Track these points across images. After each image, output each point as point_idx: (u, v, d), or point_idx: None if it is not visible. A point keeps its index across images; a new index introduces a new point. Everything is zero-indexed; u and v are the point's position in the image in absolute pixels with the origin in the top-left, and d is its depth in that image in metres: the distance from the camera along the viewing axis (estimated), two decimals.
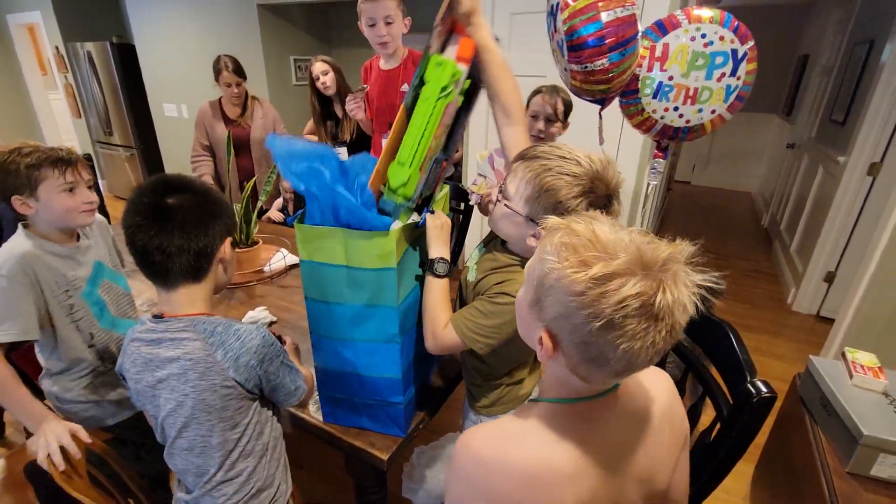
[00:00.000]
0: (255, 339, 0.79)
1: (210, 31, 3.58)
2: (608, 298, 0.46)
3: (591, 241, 0.49)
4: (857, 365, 1.18)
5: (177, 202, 0.77)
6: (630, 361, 0.48)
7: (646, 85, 1.26)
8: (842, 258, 2.68)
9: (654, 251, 0.48)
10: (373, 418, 0.97)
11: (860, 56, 2.79)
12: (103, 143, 4.80)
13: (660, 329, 0.47)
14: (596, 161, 0.80)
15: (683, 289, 0.48)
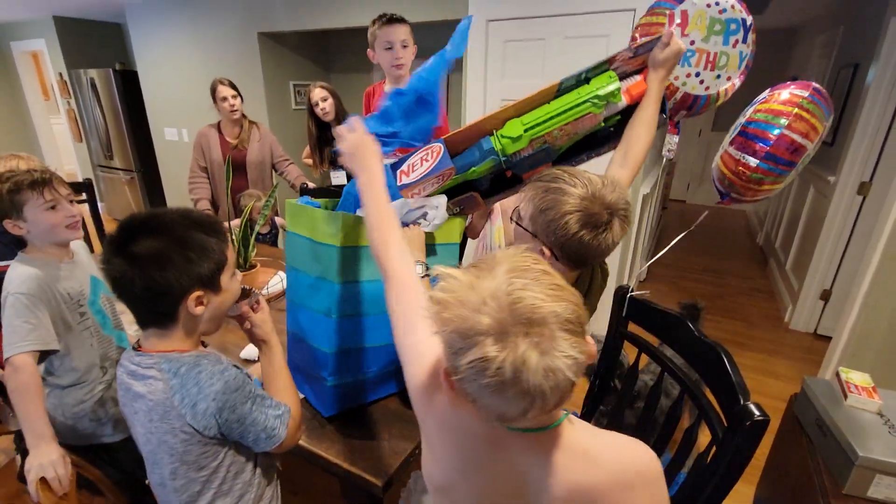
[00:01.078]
0: (215, 385, 0.74)
1: (211, 58, 3.66)
2: (462, 357, 0.48)
3: (461, 295, 0.50)
4: (852, 385, 1.18)
5: (139, 249, 0.73)
6: (499, 414, 0.51)
7: None
8: (836, 276, 2.70)
9: (517, 312, 0.47)
10: (312, 390, 1.07)
11: (846, 79, 2.86)
12: (104, 166, 4.85)
13: (513, 394, 0.47)
14: (596, 182, 0.85)
15: (535, 354, 0.46)
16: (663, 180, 3.90)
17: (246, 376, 0.81)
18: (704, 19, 1.19)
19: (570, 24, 2.22)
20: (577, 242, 0.84)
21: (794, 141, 1.11)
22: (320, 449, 1.00)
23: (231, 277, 0.84)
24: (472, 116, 2.62)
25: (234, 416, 0.76)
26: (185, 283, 0.75)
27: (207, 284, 0.78)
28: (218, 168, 2.46)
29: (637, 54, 1.05)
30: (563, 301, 0.49)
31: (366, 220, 0.82)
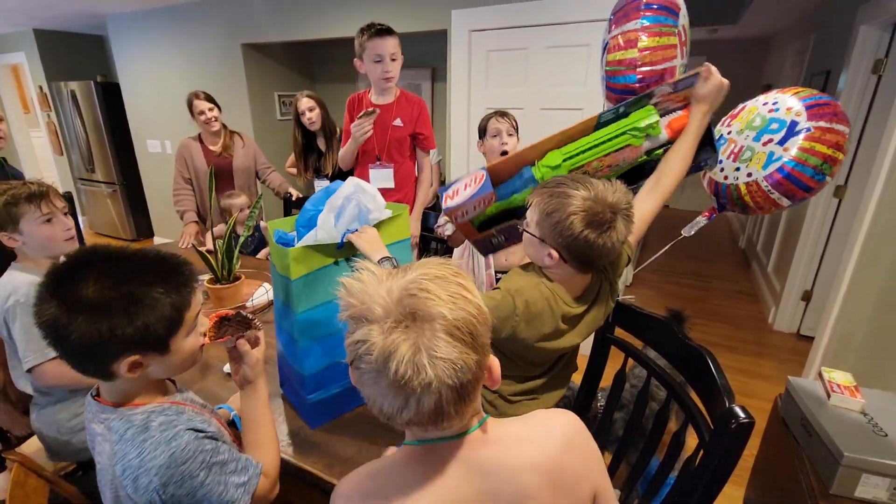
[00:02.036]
0: (158, 459, 0.64)
1: (195, 70, 3.64)
2: (349, 338, 0.51)
3: (364, 284, 0.52)
4: (834, 384, 1.20)
5: (79, 293, 0.61)
6: (380, 408, 0.51)
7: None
8: (817, 276, 2.76)
9: (402, 307, 0.48)
10: (298, 403, 1.09)
11: (818, 86, 2.95)
12: (85, 179, 4.77)
13: (387, 384, 0.48)
14: (598, 184, 0.89)
15: (410, 349, 0.47)
16: None
17: (206, 438, 0.69)
18: (752, 114, 1.16)
19: (552, 33, 2.25)
20: (583, 242, 0.87)
21: (653, 72, 1.06)
22: (306, 464, 0.98)
23: (187, 337, 0.71)
24: (456, 125, 2.64)
25: (183, 491, 0.66)
26: (119, 345, 0.63)
27: (152, 347, 0.67)
28: (203, 177, 2.44)
29: (677, 90, 1.04)
30: (459, 309, 0.49)
31: None
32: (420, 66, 3.30)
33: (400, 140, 1.92)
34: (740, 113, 1.18)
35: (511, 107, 2.44)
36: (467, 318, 0.49)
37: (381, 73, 1.78)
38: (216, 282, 1.65)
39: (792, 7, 3.40)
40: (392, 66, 1.78)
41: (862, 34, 2.38)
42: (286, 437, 1.05)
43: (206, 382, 1.23)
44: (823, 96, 1.13)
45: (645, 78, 1.08)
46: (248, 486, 0.73)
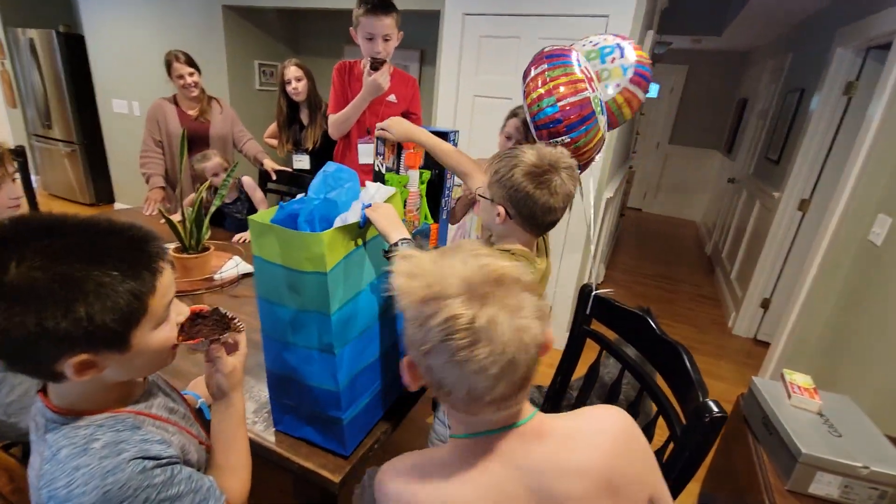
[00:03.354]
0: (87, 496, 0.51)
1: (169, 28, 3.44)
2: (432, 321, 0.48)
3: (426, 267, 0.51)
4: (795, 386, 1.25)
5: (12, 274, 0.48)
6: (469, 388, 0.49)
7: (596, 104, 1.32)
8: (776, 285, 2.88)
9: (482, 274, 0.49)
10: (318, 431, 0.92)
11: (792, 103, 3.06)
12: (40, 136, 4.45)
13: (485, 353, 0.47)
14: (545, 147, 0.98)
15: (507, 312, 0.47)
16: (623, 187, 4.03)
17: (159, 467, 0.57)
18: (591, 55, 1.40)
19: (545, 24, 2.24)
20: (524, 194, 0.93)
21: (572, 103, 1.22)
22: (272, 444, 0.94)
23: (154, 329, 0.58)
24: (443, 111, 2.59)
25: None
26: (55, 343, 0.50)
27: (105, 345, 0.54)
28: (176, 141, 2.30)
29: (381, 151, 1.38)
30: (527, 273, 0.51)
31: None
32: (409, 48, 3.22)
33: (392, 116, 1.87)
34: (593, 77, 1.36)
35: (499, 96, 2.42)
36: (531, 276, 0.51)
37: (371, 53, 1.71)
38: (183, 251, 1.57)
39: (774, 24, 3.50)
40: (383, 47, 1.70)
41: (837, 56, 2.48)
42: (251, 415, 1.01)
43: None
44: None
45: (567, 109, 1.22)
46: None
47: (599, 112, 1.27)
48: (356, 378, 0.90)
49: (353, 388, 0.90)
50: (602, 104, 1.32)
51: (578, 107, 1.22)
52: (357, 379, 0.90)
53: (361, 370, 0.92)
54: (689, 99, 5.73)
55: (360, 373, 0.91)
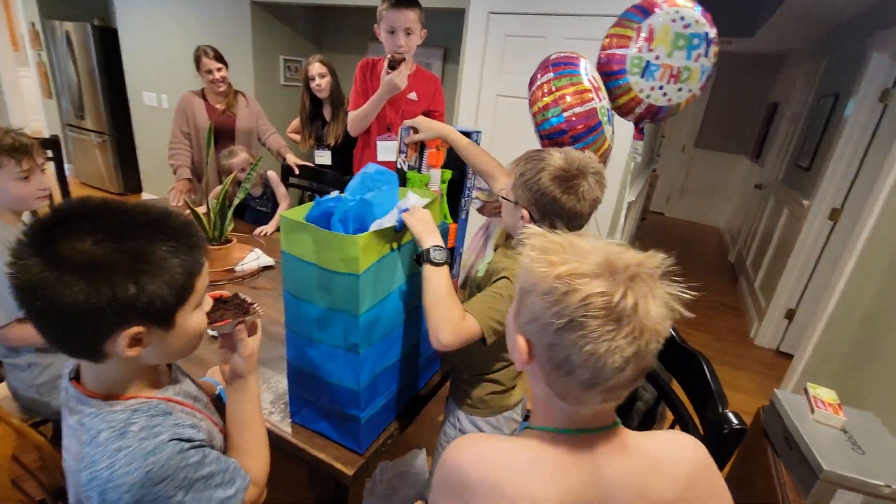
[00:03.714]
0: (131, 475, 0.54)
1: (199, 23, 3.51)
2: (571, 297, 0.47)
3: (563, 244, 0.52)
4: (819, 400, 1.21)
5: (70, 250, 0.50)
6: (596, 368, 0.47)
7: (634, 65, 1.28)
8: (802, 296, 2.80)
9: (623, 258, 0.49)
10: (334, 426, 0.94)
11: (826, 108, 2.96)
12: (74, 126, 4.60)
13: (625, 334, 0.46)
14: (574, 151, 0.95)
15: (650, 296, 0.48)
16: (646, 191, 3.97)
17: (192, 448, 0.60)
18: (669, 34, 1.26)
19: (571, 24, 2.21)
20: (550, 198, 0.90)
21: (578, 114, 1.20)
22: (289, 434, 0.96)
23: (194, 311, 0.62)
24: (465, 110, 2.59)
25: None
26: (120, 314, 0.53)
27: (155, 319, 0.56)
28: (204, 134, 2.35)
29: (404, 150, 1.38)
30: (659, 260, 0.51)
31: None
32: (433, 46, 3.22)
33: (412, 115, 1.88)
34: (655, 36, 1.28)
35: (522, 96, 2.39)
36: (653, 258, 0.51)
37: (391, 46, 1.72)
38: (207, 242, 1.60)
39: (809, 26, 3.39)
40: (404, 41, 1.71)
41: (874, 61, 2.39)
42: (268, 405, 1.03)
43: None
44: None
45: (573, 120, 1.21)
46: (234, 501, 0.64)
47: (606, 122, 1.26)
48: (377, 378, 0.91)
49: (373, 387, 0.91)
50: (609, 113, 1.30)
51: (585, 117, 1.20)
52: (377, 379, 0.92)
53: (382, 371, 0.93)
54: (717, 102, 5.59)
55: (380, 373, 0.93)
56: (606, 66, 1.31)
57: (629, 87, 1.31)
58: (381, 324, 0.88)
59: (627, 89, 1.31)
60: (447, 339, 0.84)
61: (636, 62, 1.27)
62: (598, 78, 1.31)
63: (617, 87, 1.33)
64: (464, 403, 1.09)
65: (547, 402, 0.56)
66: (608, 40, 1.31)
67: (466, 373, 1.08)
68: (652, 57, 1.26)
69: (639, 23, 1.26)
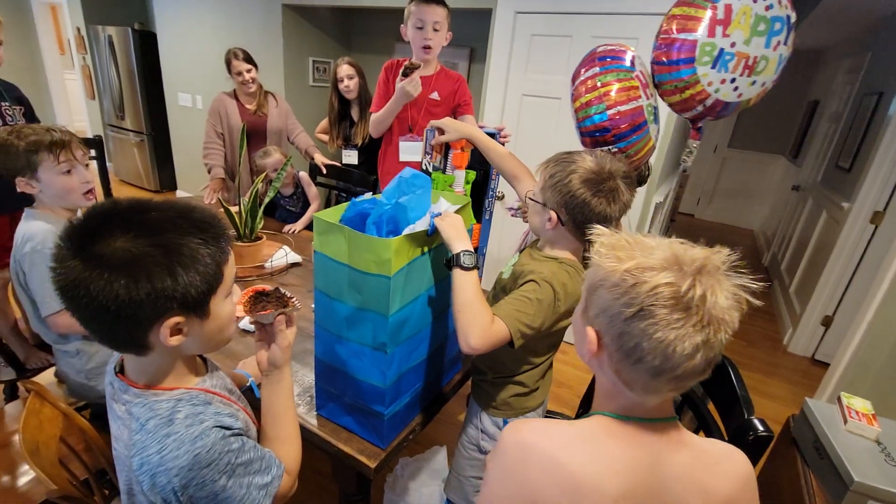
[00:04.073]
0: (180, 459, 0.58)
1: (233, 26, 3.62)
2: (640, 287, 0.49)
3: (629, 241, 0.54)
4: (852, 410, 1.17)
5: (108, 249, 0.54)
6: (665, 356, 0.49)
7: (704, 53, 1.07)
8: (840, 303, 2.69)
9: (689, 253, 0.51)
10: (358, 422, 0.97)
11: (868, 107, 2.83)
12: (115, 126, 4.82)
13: (694, 322, 0.48)
14: (603, 154, 0.95)
15: (718, 287, 0.49)
16: (675, 192, 3.88)
17: (232, 436, 0.63)
18: (749, 17, 1.06)
19: (599, 23, 2.19)
20: (581, 201, 0.90)
21: (623, 112, 1.10)
22: (314, 426, 0.99)
23: (225, 299, 0.65)
24: (490, 110, 2.59)
25: (202, 493, 0.60)
26: (160, 305, 0.56)
27: (192, 308, 0.60)
28: (237, 134, 2.44)
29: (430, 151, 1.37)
30: (724, 256, 0.52)
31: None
32: (459, 45, 3.24)
33: (434, 115, 1.89)
34: (732, 18, 1.08)
35: (548, 95, 2.39)
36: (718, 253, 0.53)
37: (420, 41, 1.74)
38: (238, 239, 1.66)
39: (852, 21, 3.25)
40: (433, 35, 1.73)
41: None
42: (295, 398, 1.06)
43: None
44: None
45: (617, 118, 1.11)
46: (271, 489, 0.67)
47: (651, 121, 1.16)
48: (402, 377, 0.94)
49: (398, 385, 0.93)
50: (655, 111, 1.18)
51: (630, 116, 1.11)
52: (403, 378, 0.94)
53: (408, 370, 0.95)
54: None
55: (406, 372, 0.95)
56: (666, 54, 1.10)
57: (696, 80, 1.10)
58: (409, 324, 0.90)
59: (693, 82, 1.10)
60: (476, 342, 0.85)
61: (707, 49, 1.06)
62: (647, 73, 1.17)
63: (679, 79, 1.12)
64: (488, 406, 1.09)
65: (613, 389, 0.57)
66: (670, 23, 1.11)
67: (490, 375, 1.09)
68: (727, 44, 1.06)
69: (713, 2, 1.05)
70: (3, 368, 1.52)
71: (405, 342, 0.91)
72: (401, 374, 0.93)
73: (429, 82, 1.85)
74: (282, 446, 0.76)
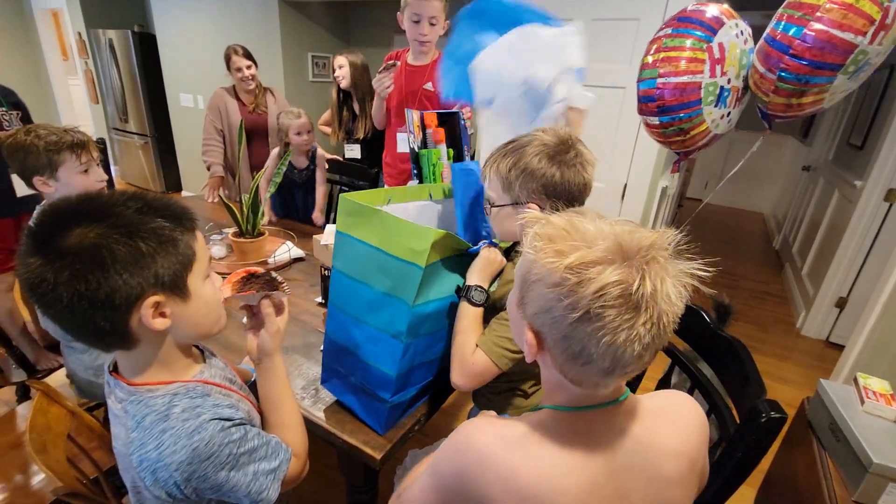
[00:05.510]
0: (178, 454, 0.57)
1: (230, 25, 3.61)
2: (586, 288, 0.44)
3: (568, 230, 0.48)
4: (870, 391, 1.14)
5: (63, 244, 0.52)
6: (616, 357, 0.46)
7: (709, 92, 1.07)
8: (854, 284, 2.63)
9: (634, 239, 0.46)
10: (361, 403, 0.96)
11: (880, 81, 2.76)
12: (119, 129, 4.85)
13: (644, 321, 0.44)
14: (541, 128, 0.88)
15: (667, 278, 0.46)
16: (682, 177, 3.82)
17: (233, 426, 0.63)
18: (736, 53, 1.08)
19: (600, 4, 2.14)
20: (560, 178, 0.84)
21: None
22: (321, 419, 0.98)
23: (205, 280, 0.64)
24: None
25: (206, 485, 0.60)
26: (133, 285, 0.54)
27: (169, 287, 0.58)
28: (236, 131, 2.43)
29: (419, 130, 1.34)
30: (668, 236, 0.48)
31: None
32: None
33: (431, 105, 1.88)
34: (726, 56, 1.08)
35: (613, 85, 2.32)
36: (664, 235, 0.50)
37: (415, 35, 1.72)
38: (240, 235, 1.66)
39: None
40: (429, 30, 1.70)
41: None
42: (300, 391, 1.06)
43: (225, 331, 1.23)
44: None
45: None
46: (279, 472, 0.67)
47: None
48: (413, 370, 0.93)
49: (407, 377, 0.92)
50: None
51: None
52: (413, 371, 0.93)
53: (420, 364, 0.94)
54: None
55: (418, 366, 0.94)
56: (673, 99, 1.08)
57: (702, 119, 1.09)
58: (430, 321, 0.90)
59: (700, 122, 1.09)
60: (456, 379, 0.87)
61: (711, 89, 1.06)
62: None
63: (685, 119, 1.10)
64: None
65: (560, 385, 0.55)
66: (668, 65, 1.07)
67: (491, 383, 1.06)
68: (725, 81, 1.06)
69: (708, 42, 1.05)
70: (14, 370, 1.53)
71: (423, 336, 0.90)
72: (412, 367, 0.92)
73: (424, 72, 1.83)
74: (286, 431, 0.76)
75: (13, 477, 1.18)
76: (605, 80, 2.22)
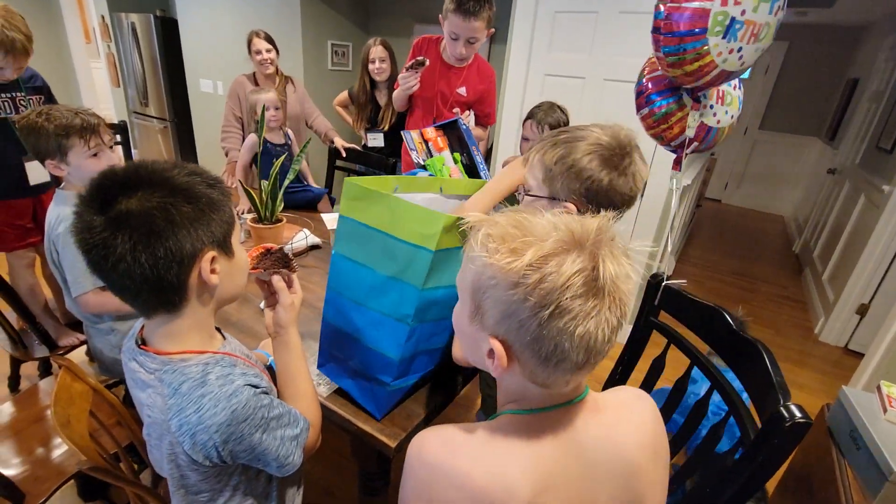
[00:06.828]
0: (218, 416, 0.60)
1: (252, 11, 3.62)
2: (550, 282, 0.43)
3: (517, 227, 0.47)
4: (893, 399, 1.11)
5: (129, 207, 0.56)
6: (589, 347, 0.46)
7: (717, 22, 1.03)
8: (877, 291, 2.57)
9: (584, 226, 0.46)
10: (359, 387, 0.96)
11: None
12: (139, 113, 4.91)
13: (609, 305, 0.45)
14: (601, 123, 0.83)
15: (620, 257, 0.46)
16: (702, 176, 3.75)
17: (261, 393, 0.67)
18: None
19: None
20: (607, 184, 0.79)
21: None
22: (336, 405, 0.99)
23: (239, 244, 0.71)
24: (511, 90, 2.53)
25: (241, 447, 0.64)
26: (195, 241, 0.60)
27: (221, 245, 0.64)
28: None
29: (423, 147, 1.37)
30: (610, 219, 0.49)
31: None
32: None
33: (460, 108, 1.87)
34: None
35: (572, 75, 2.32)
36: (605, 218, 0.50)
37: (452, 51, 1.68)
38: (258, 221, 1.67)
39: None
40: (466, 50, 1.64)
41: None
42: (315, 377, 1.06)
43: (243, 316, 1.25)
44: None
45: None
46: (300, 439, 0.72)
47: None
48: (415, 356, 0.92)
49: (410, 363, 0.92)
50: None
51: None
52: (416, 358, 0.92)
53: (423, 351, 0.93)
54: (786, 79, 5.17)
55: (421, 353, 0.93)
56: (676, 26, 1.06)
57: (707, 51, 1.06)
58: (437, 307, 0.88)
59: (704, 53, 1.07)
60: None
61: (720, 19, 1.02)
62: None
63: (688, 50, 1.08)
64: None
65: (523, 391, 0.54)
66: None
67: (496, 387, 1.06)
68: (738, 12, 1.02)
69: None
70: (36, 346, 1.57)
71: (429, 322, 0.89)
72: (416, 354, 0.91)
73: (459, 75, 1.80)
74: (301, 402, 0.80)
75: (35, 450, 1.21)
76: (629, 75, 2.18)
